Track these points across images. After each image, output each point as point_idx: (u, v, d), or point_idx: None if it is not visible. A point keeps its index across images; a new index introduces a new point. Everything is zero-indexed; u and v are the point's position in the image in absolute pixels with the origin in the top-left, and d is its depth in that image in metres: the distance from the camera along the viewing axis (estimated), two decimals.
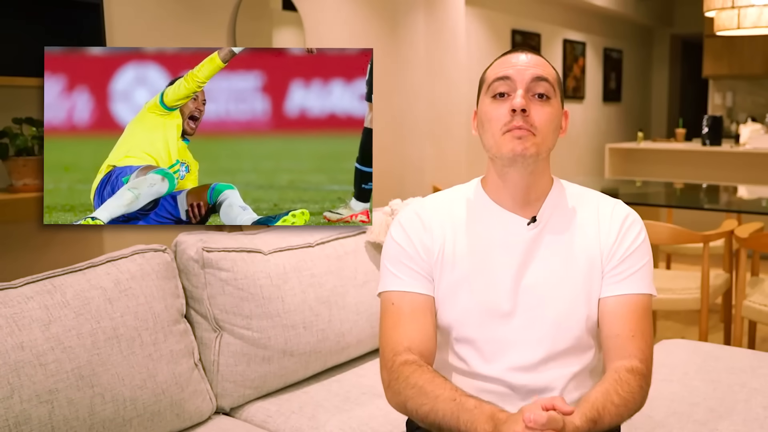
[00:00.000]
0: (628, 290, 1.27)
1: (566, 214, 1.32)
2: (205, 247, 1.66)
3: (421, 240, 1.31)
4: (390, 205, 2.00)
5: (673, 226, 2.79)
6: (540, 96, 1.25)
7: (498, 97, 1.26)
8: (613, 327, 1.26)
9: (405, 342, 1.26)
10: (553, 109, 1.26)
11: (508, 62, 1.27)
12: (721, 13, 4.29)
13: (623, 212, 1.33)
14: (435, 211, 1.35)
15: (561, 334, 1.27)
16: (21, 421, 1.28)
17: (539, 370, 1.27)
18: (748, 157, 5.66)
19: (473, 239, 1.30)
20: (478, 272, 1.28)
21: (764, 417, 1.59)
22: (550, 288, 1.27)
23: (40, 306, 1.38)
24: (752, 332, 3.04)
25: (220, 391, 1.68)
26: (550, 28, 6.71)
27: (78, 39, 2.70)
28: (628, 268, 1.28)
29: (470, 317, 1.28)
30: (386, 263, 1.34)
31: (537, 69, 1.26)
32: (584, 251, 1.29)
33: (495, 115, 1.25)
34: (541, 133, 1.24)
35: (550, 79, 1.26)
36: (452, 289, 1.29)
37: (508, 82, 1.25)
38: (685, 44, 9.05)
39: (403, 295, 1.30)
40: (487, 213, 1.32)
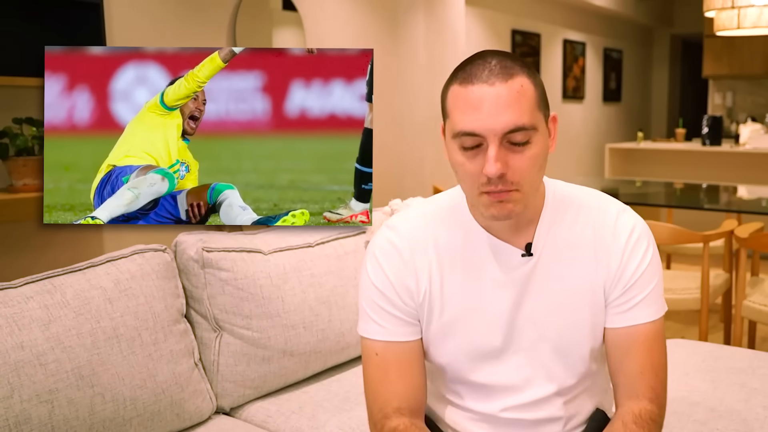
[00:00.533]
0: (635, 321, 1.15)
1: (563, 237, 1.16)
2: (205, 247, 1.66)
3: (403, 281, 1.16)
4: (390, 205, 2.00)
5: (673, 226, 2.79)
6: (518, 141, 1.03)
7: (467, 150, 1.04)
8: (621, 363, 1.16)
9: (394, 401, 1.15)
10: (537, 148, 1.04)
11: (473, 102, 1.02)
12: (721, 13, 4.29)
13: (627, 226, 1.16)
14: (414, 239, 1.17)
15: (562, 372, 1.17)
16: (21, 420, 1.28)
17: (539, 406, 1.19)
18: (748, 157, 5.66)
19: (463, 277, 1.16)
20: (470, 313, 1.16)
21: (764, 417, 1.59)
22: (548, 323, 1.15)
23: (40, 306, 1.38)
24: (752, 332, 3.04)
25: (220, 391, 1.68)
26: (550, 28, 6.71)
27: (78, 39, 2.70)
28: (634, 296, 1.14)
29: (463, 360, 1.18)
30: (364, 305, 1.19)
31: (508, 117, 1.01)
32: (585, 281, 1.15)
33: (466, 172, 1.06)
34: (526, 184, 1.05)
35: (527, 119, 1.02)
36: (442, 332, 1.17)
37: (477, 138, 1.03)
38: (685, 44, 9.05)
39: (387, 346, 1.16)
40: (475, 241, 1.15)
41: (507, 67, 1.02)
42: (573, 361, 1.17)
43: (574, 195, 1.20)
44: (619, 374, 1.16)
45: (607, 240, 1.15)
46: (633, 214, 1.19)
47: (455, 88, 1.05)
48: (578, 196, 1.20)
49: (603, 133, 7.58)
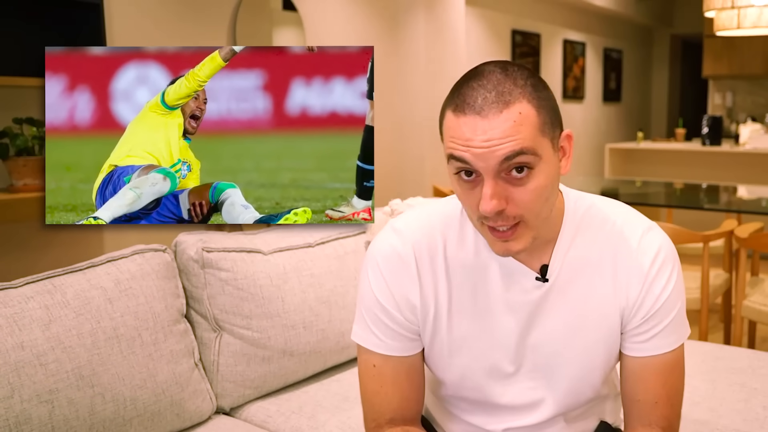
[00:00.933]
0: (654, 351, 1.08)
1: (581, 260, 1.07)
2: (205, 247, 1.66)
3: (405, 296, 1.09)
4: (390, 204, 2.00)
5: (673, 226, 2.79)
6: (519, 170, 0.93)
7: (463, 176, 0.95)
8: (635, 391, 1.10)
9: (387, 413, 1.12)
10: (541, 176, 0.94)
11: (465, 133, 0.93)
12: (721, 13, 4.29)
13: (653, 248, 1.06)
14: (420, 249, 1.09)
15: (570, 397, 1.13)
16: (21, 420, 1.28)
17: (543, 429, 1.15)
18: (748, 157, 5.66)
19: (472, 295, 1.09)
20: (479, 334, 1.10)
21: (764, 417, 1.59)
22: (559, 348, 1.09)
23: (41, 306, 1.38)
24: (752, 332, 3.04)
25: (220, 391, 1.68)
26: (550, 28, 6.71)
27: (78, 39, 2.70)
28: (654, 326, 1.07)
29: (469, 380, 1.13)
30: (364, 313, 1.12)
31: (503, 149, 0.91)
32: (601, 309, 1.08)
33: (464, 202, 0.99)
34: (531, 215, 0.96)
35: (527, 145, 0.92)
36: (448, 350, 1.11)
37: (469, 167, 0.94)
38: (685, 44, 9.05)
39: (386, 360, 1.11)
40: (487, 259, 1.08)
41: (504, 93, 0.92)
42: (582, 387, 1.13)
43: (597, 209, 1.10)
44: (633, 402, 1.11)
45: (629, 262, 1.06)
46: (659, 233, 1.09)
47: (449, 114, 0.96)
48: (602, 210, 1.10)
49: (603, 133, 7.58)
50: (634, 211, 1.13)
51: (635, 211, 1.13)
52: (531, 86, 0.95)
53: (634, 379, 1.10)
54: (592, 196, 1.13)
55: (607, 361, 1.11)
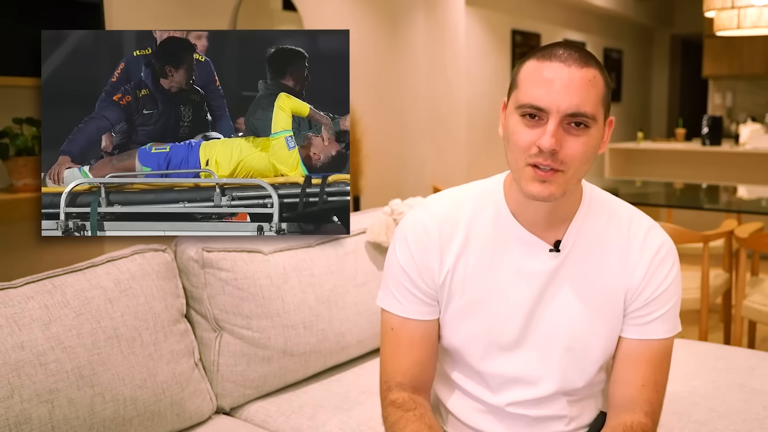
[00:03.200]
0: (649, 335, 1.17)
1: (593, 239, 1.17)
2: (205, 247, 1.66)
3: (427, 263, 1.18)
4: (390, 204, 2.00)
5: (673, 226, 2.79)
6: (578, 124, 1.05)
7: (528, 117, 1.06)
8: (625, 373, 1.17)
9: (398, 376, 1.20)
10: (591, 139, 1.06)
11: (546, 77, 1.05)
12: (721, 13, 4.29)
13: (656, 242, 1.17)
14: (446, 220, 1.19)
15: (573, 373, 1.18)
16: (21, 420, 1.28)
17: (545, 404, 1.20)
18: (748, 157, 5.66)
19: (488, 263, 1.17)
20: (490, 300, 1.17)
21: (764, 417, 1.59)
22: (566, 322, 1.16)
23: (40, 306, 1.38)
24: (752, 332, 3.04)
25: (220, 391, 1.68)
26: (550, 28, 6.72)
27: None
28: (652, 311, 1.16)
29: (476, 346, 1.19)
30: (387, 279, 1.23)
31: (575, 99, 1.03)
32: (608, 285, 1.16)
33: (521, 138, 1.07)
34: (572, 168, 1.06)
35: (590, 108, 1.05)
36: (460, 314, 1.19)
37: (539, 112, 1.05)
38: (685, 44, 9.05)
39: (403, 322, 1.21)
40: (506, 231, 1.17)
41: (585, 56, 1.07)
42: (584, 364, 1.18)
43: (609, 202, 1.22)
44: (620, 383, 1.18)
45: (636, 250, 1.16)
46: (662, 231, 1.20)
47: (532, 62, 1.08)
48: (612, 203, 1.22)
49: None
50: (638, 210, 1.23)
51: (639, 210, 1.23)
52: (601, 64, 1.10)
53: (627, 361, 1.17)
54: (603, 191, 1.24)
55: (607, 339, 1.18)
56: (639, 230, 1.18)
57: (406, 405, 1.18)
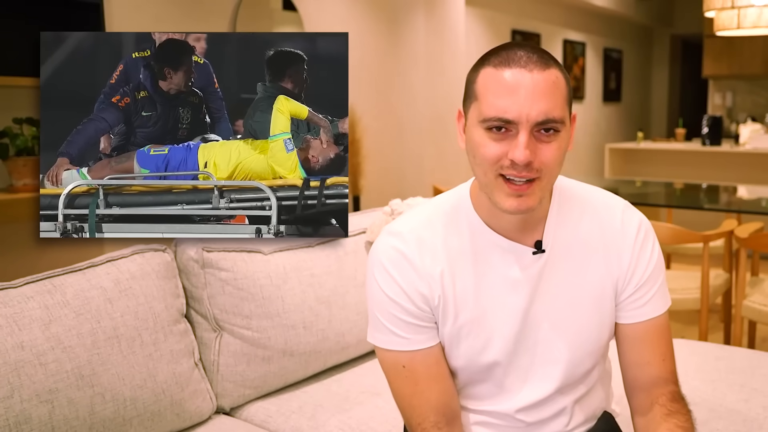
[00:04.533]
0: (651, 314, 1.18)
1: (571, 234, 1.15)
2: (205, 247, 1.67)
3: (416, 288, 1.12)
4: (390, 204, 2.00)
5: (673, 226, 2.79)
6: (547, 130, 1.01)
7: (494, 130, 1.01)
8: (643, 354, 1.18)
9: (431, 416, 1.13)
10: (562, 141, 1.03)
11: (509, 86, 0.99)
12: (721, 13, 4.29)
13: (634, 223, 1.17)
14: (420, 243, 1.13)
15: (572, 368, 1.18)
16: (21, 420, 1.28)
17: (547, 404, 1.20)
18: (748, 157, 5.66)
19: (475, 280, 1.13)
20: (484, 315, 1.14)
21: (764, 417, 1.59)
22: (560, 319, 1.16)
23: (40, 306, 1.38)
24: (752, 332, 3.04)
25: (220, 391, 1.68)
26: (550, 28, 6.72)
27: None
28: (647, 293, 1.17)
29: (476, 363, 1.16)
30: (380, 317, 1.14)
31: (543, 105, 0.99)
32: (595, 275, 1.15)
33: (489, 152, 1.02)
34: (547, 174, 1.03)
35: (559, 112, 1.00)
36: (457, 336, 1.15)
37: (507, 123, 1.00)
38: (685, 44, 9.05)
39: (413, 356, 1.13)
40: (483, 242, 1.13)
41: (544, 57, 1.02)
42: (580, 357, 1.18)
43: (578, 192, 1.20)
44: (641, 366, 1.19)
45: (617, 238, 1.16)
46: (635, 210, 1.20)
47: (489, 70, 1.02)
48: (581, 193, 1.20)
49: (603, 133, 7.58)
50: (607, 192, 1.22)
51: (608, 192, 1.22)
52: (558, 62, 1.05)
53: (640, 343, 1.18)
54: (569, 180, 1.21)
55: (599, 329, 1.18)
56: (615, 215, 1.17)
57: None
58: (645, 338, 1.18)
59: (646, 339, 1.18)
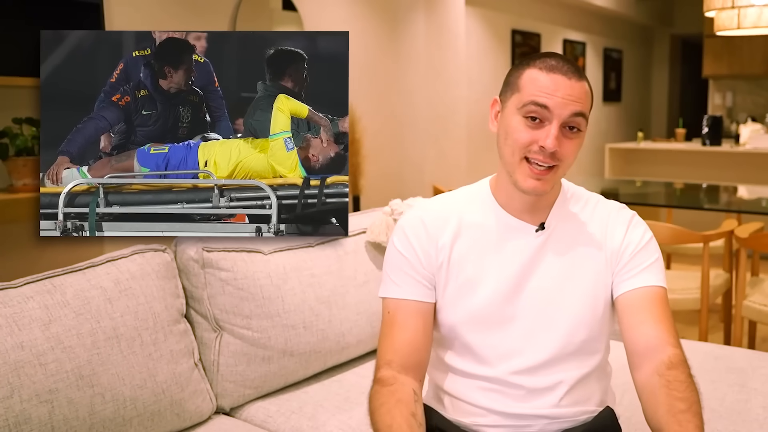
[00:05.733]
0: (645, 283, 1.26)
1: (572, 218, 1.32)
2: (205, 247, 1.66)
3: (424, 248, 1.30)
4: (390, 205, 2.00)
5: (673, 226, 2.79)
6: (572, 128, 1.21)
7: (530, 119, 1.20)
8: (639, 317, 1.25)
9: (388, 354, 1.27)
10: (581, 140, 1.24)
11: (550, 86, 1.20)
12: (721, 13, 4.29)
13: (627, 214, 1.34)
14: (440, 216, 1.32)
15: (565, 338, 1.26)
16: (21, 420, 1.28)
17: (541, 372, 1.26)
18: (748, 157, 5.66)
19: (481, 246, 1.29)
20: (483, 277, 1.28)
21: (764, 417, 1.59)
22: (555, 293, 1.27)
23: (40, 306, 1.38)
24: (752, 332, 3.04)
25: (220, 391, 1.68)
26: (550, 28, 6.72)
27: None
28: (640, 263, 1.27)
29: (473, 321, 1.28)
30: (387, 270, 1.33)
31: (578, 104, 1.20)
32: (590, 254, 1.29)
33: (521, 137, 1.21)
34: (564, 163, 1.22)
35: (586, 111, 1.22)
36: (456, 294, 1.29)
37: (544, 112, 1.19)
38: (685, 44, 9.05)
39: (398, 303, 1.30)
40: (494, 218, 1.30)
41: (579, 71, 1.23)
42: (572, 326, 1.26)
43: (582, 192, 1.38)
44: (637, 328, 1.24)
45: (612, 221, 1.31)
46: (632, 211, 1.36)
47: (535, 71, 1.21)
48: (585, 193, 1.38)
49: (603, 133, 7.58)
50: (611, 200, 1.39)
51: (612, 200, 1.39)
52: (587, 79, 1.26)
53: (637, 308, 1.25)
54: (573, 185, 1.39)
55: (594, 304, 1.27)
56: (611, 209, 1.34)
57: (387, 381, 1.23)
58: (640, 304, 1.25)
59: (642, 304, 1.25)
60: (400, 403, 1.19)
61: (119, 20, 2.94)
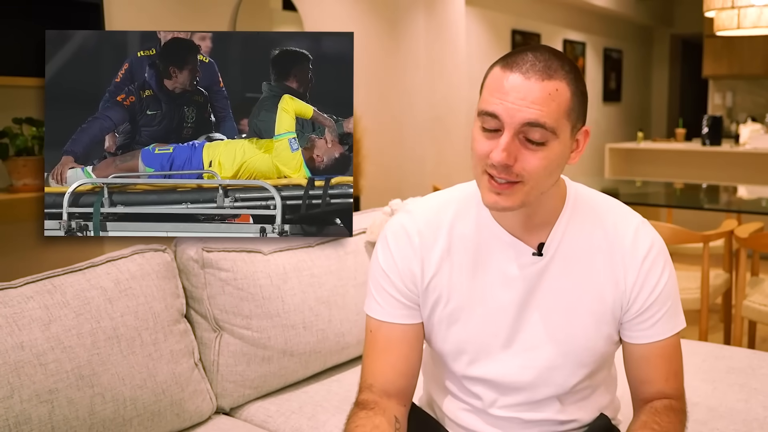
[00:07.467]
0: (657, 337, 1.16)
1: (578, 244, 1.15)
2: (205, 247, 1.67)
3: (408, 267, 1.17)
4: (390, 204, 2.00)
5: (673, 226, 2.79)
6: (534, 140, 1.02)
7: (486, 127, 1.04)
8: (646, 373, 1.18)
9: (369, 378, 1.19)
10: (552, 152, 1.03)
11: (503, 89, 1.01)
12: (721, 13, 4.29)
13: (645, 243, 1.15)
14: (427, 225, 1.18)
15: (561, 377, 1.17)
16: (21, 421, 1.28)
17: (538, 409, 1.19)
18: (748, 157, 5.66)
19: (472, 268, 1.16)
20: (475, 306, 1.16)
21: (764, 417, 1.59)
22: (553, 325, 1.15)
23: (40, 306, 1.38)
24: (752, 332, 3.04)
25: (220, 391, 1.68)
26: (550, 28, 6.72)
27: None
28: (653, 315, 1.15)
29: (464, 351, 1.18)
30: (370, 283, 1.23)
31: (532, 111, 0.99)
32: (596, 286, 1.15)
33: (479, 146, 1.05)
34: (531, 180, 1.03)
35: (549, 122, 1.00)
36: (446, 321, 1.18)
37: (495, 122, 1.02)
38: (685, 44, 9.05)
39: (380, 325, 1.20)
40: (488, 234, 1.16)
41: (550, 68, 1.02)
42: (572, 368, 1.17)
43: (596, 202, 1.19)
44: (644, 383, 1.19)
45: (625, 255, 1.14)
46: (652, 229, 1.18)
47: (497, 69, 1.05)
48: (599, 203, 1.19)
49: (603, 133, 7.58)
50: (626, 207, 1.21)
51: (627, 207, 1.21)
52: (574, 74, 1.05)
53: (644, 363, 1.18)
54: (591, 189, 1.22)
55: (596, 343, 1.16)
56: (627, 232, 1.15)
57: (367, 405, 1.17)
58: (649, 359, 1.17)
59: (650, 360, 1.17)
60: (376, 430, 1.12)
61: (119, 20, 2.94)
